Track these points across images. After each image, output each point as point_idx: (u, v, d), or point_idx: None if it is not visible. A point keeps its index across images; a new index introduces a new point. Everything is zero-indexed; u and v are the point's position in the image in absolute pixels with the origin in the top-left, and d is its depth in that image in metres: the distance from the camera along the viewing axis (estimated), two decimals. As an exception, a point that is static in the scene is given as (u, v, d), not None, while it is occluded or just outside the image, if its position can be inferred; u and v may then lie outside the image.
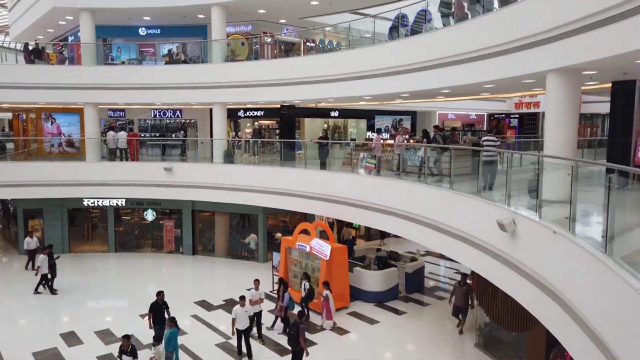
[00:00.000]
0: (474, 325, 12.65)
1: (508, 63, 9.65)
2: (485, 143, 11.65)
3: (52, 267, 15.43)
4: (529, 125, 28.86)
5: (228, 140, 19.27)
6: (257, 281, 12.60)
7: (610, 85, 11.20)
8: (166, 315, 11.28)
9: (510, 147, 22.00)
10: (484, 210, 8.94)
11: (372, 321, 13.66)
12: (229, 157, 18.26)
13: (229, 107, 19.66)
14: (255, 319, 12.09)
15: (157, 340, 10.43)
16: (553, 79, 8.82)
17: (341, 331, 13.00)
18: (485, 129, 28.60)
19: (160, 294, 11.53)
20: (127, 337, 9.78)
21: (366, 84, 14.70)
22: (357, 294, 15.11)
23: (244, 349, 11.25)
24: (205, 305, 14.62)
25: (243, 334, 11.22)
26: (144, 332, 12.17)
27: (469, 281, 12.99)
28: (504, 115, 29.85)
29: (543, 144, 9.57)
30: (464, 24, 11.28)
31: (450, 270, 18.55)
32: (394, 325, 13.51)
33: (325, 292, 12.93)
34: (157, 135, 23.00)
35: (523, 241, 7.61)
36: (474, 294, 12.56)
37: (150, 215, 20.48)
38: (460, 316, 12.84)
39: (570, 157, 8.48)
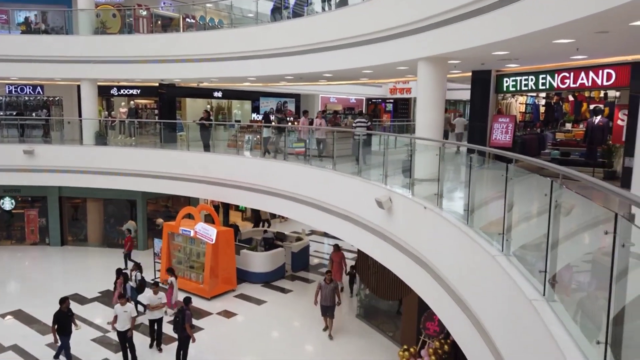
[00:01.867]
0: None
1: (385, 50, 10.22)
2: (357, 125, 12.65)
3: None
4: (402, 110, 30.88)
5: (100, 120, 17.79)
6: (156, 284, 11.22)
7: (470, 74, 12.45)
8: (73, 327, 10.11)
9: (387, 129, 23.42)
10: (363, 189, 9.46)
11: (259, 302, 13.80)
12: (101, 139, 16.87)
13: (100, 84, 18.10)
14: (156, 326, 10.92)
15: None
16: (423, 67, 9.56)
17: (228, 314, 12.95)
18: (358, 112, 29.96)
19: (65, 301, 10.12)
20: None
21: (249, 65, 14.52)
22: (244, 276, 15.12)
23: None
24: (79, 299, 13.52)
25: (125, 337, 10.13)
26: (4, 334, 10.96)
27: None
28: (380, 100, 31.55)
29: (415, 127, 10.37)
30: (344, 10, 11.66)
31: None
32: (281, 303, 13.81)
33: (170, 279, 12.30)
34: (14, 114, 20.35)
35: (398, 217, 8.23)
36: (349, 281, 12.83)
37: (8, 204, 18.23)
38: (327, 316, 11.87)
39: (437, 139, 9.32)
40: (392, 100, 31.08)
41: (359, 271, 12.99)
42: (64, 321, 9.97)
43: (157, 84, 20.89)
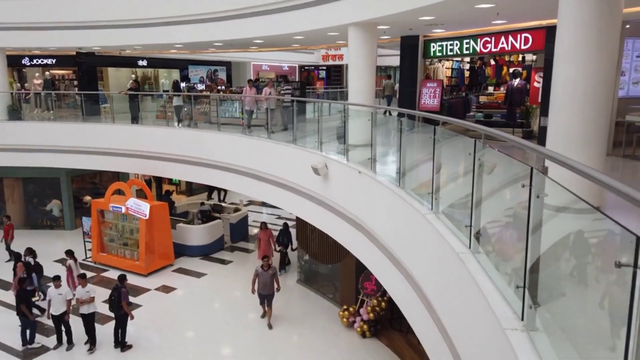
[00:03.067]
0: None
1: (315, 15, 10.13)
2: (284, 92, 13.05)
3: None
4: (335, 77, 30.92)
5: (12, 93, 16.38)
6: (82, 276, 10.00)
7: (400, 39, 12.66)
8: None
9: (320, 97, 23.42)
10: (299, 157, 9.51)
11: (199, 275, 13.68)
12: (15, 113, 15.58)
13: (8, 53, 16.54)
14: (87, 323, 9.91)
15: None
16: (354, 32, 9.60)
17: (167, 289, 12.74)
18: (281, 78, 29.75)
19: (24, 281, 9.68)
20: None
21: (174, 31, 13.86)
22: (182, 250, 14.86)
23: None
24: (2, 284, 12.72)
25: (60, 321, 9.75)
26: None
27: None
28: (313, 67, 31.37)
29: (348, 93, 10.47)
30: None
31: (272, 216, 19.42)
32: (221, 275, 13.77)
33: (68, 262, 11.61)
34: None
35: (334, 182, 8.38)
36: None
37: None
38: (265, 304, 10.94)
39: (369, 104, 9.48)
40: (324, 67, 31.01)
41: (299, 238, 13.16)
42: (29, 298, 9.80)
43: (74, 53, 19.46)
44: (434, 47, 12.06)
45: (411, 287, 5.67)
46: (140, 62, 23.21)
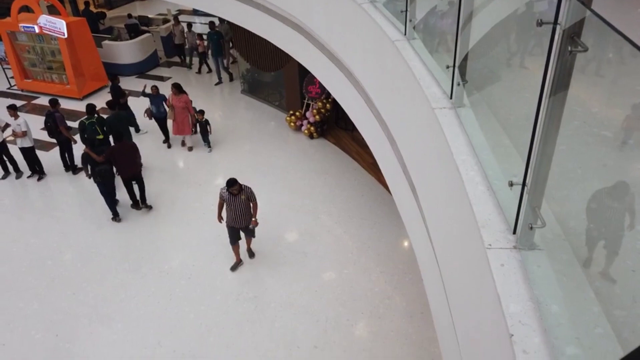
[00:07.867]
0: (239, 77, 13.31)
1: None
2: None
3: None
4: None
5: None
6: (12, 107, 9.02)
7: None
8: None
9: None
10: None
11: (138, 93, 13.14)
12: None
13: None
14: (26, 156, 9.54)
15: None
16: None
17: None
18: None
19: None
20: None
21: None
22: (115, 70, 13.93)
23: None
24: None
25: (1, 150, 9.47)
26: None
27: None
28: None
29: None
30: None
31: (206, 25, 18.13)
32: (162, 91, 13.29)
33: None
34: None
35: (266, -21, 7.65)
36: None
37: None
38: (246, 238, 7.41)
39: None
40: None
41: (238, 47, 12.53)
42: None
43: None
44: None
45: (352, 85, 5.71)
46: None
